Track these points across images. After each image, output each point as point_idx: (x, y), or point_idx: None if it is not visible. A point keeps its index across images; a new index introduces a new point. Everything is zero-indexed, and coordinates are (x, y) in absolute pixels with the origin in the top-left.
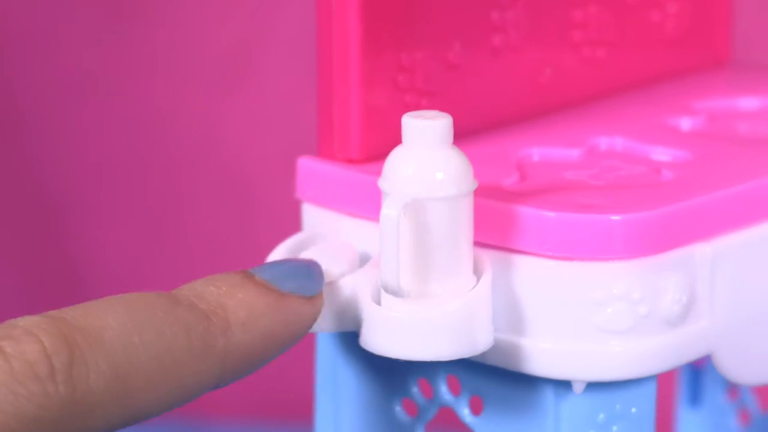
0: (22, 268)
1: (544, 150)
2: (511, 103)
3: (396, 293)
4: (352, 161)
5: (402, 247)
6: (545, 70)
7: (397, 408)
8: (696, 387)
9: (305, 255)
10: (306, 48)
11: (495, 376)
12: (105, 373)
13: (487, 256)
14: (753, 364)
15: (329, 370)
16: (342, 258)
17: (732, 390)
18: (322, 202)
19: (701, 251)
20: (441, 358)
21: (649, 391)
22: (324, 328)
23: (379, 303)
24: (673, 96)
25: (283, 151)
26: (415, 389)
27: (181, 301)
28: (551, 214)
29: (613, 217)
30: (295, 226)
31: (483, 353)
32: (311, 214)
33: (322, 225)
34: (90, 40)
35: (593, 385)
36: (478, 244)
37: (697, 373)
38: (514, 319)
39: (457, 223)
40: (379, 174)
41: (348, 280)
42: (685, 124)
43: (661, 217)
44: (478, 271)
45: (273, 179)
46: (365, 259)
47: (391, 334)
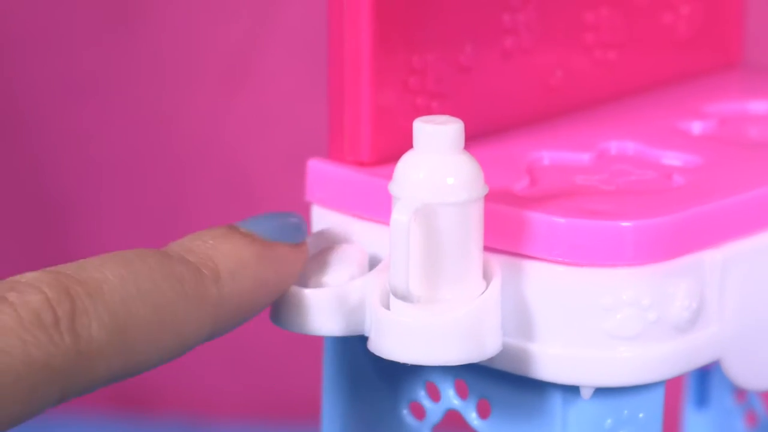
0: (22, 269)
1: (555, 154)
2: (521, 106)
3: (405, 298)
4: (362, 164)
5: (412, 252)
6: (556, 73)
7: (405, 411)
8: (703, 389)
9: (314, 258)
10: (309, 48)
11: (503, 380)
12: (106, 324)
13: (496, 261)
14: (761, 369)
15: (337, 373)
16: (351, 261)
17: (739, 392)
18: (331, 205)
19: (711, 257)
20: (449, 363)
21: (657, 397)
22: (332, 331)
23: (388, 307)
24: (685, 99)
25: (287, 152)
26: (422, 393)
27: (172, 256)
28: (561, 220)
29: (624, 224)
30: None
31: (491, 358)
32: (321, 217)
33: (331, 227)
34: (91, 39)
35: (601, 391)
36: (487, 249)
37: (705, 375)
38: (523, 324)
39: (467, 228)
40: (389, 177)
41: (357, 284)
42: (696, 127)
43: (671, 224)
44: (487, 277)
45: (276, 179)
46: (375, 262)
47: (400, 339)
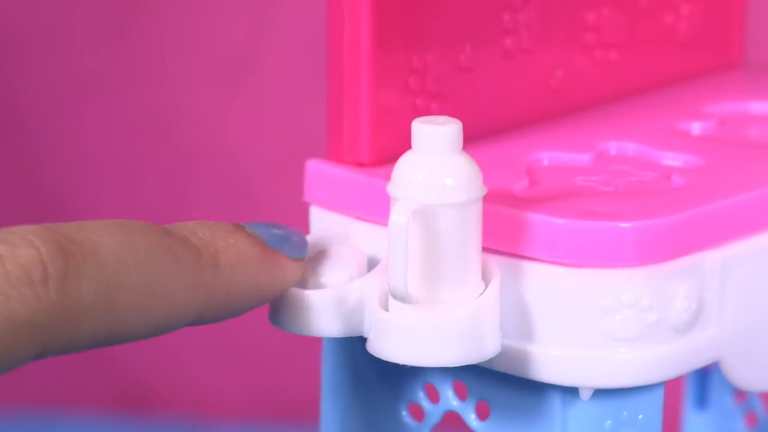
0: None
1: (554, 154)
2: (521, 106)
3: (404, 299)
4: (361, 164)
5: (411, 253)
6: (556, 73)
7: (404, 412)
8: (703, 389)
9: (313, 259)
10: (309, 48)
11: (502, 381)
12: (96, 287)
13: (495, 262)
14: (761, 371)
15: (336, 374)
16: (350, 262)
17: (739, 393)
18: (330, 205)
19: (711, 258)
20: (448, 365)
21: (656, 398)
22: (331, 332)
23: (386, 308)
24: (685, 100)
25: (287, 152)
26: (421, 394)
27: (174, 234)
28: (561, 221)
29: (623, 225)
30: (301, 227)
31: (491, 359)
32: (319, 217)
33: (330, 228)
34: (91, 40)
35: (600, 392)
36: (486, 250)
37: (705, 375)
38: (522, 325)
39: (466, 229)
40: (388, 177)
41: (356, 285)
42: (696, 128)
43: (671, 225)
44: (486, 278)
45: (276, 180)
46: (373, 263)
47: (399, 341)
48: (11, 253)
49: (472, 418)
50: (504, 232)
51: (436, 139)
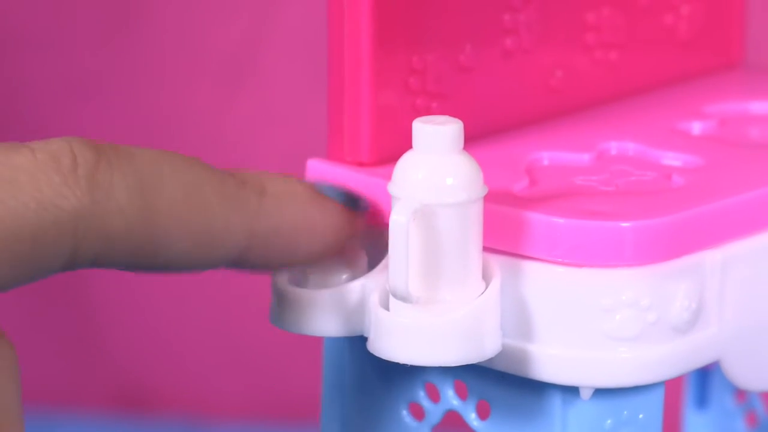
0: None
1: (555, 154)
2: (521, 106)
3: (404, 299)
4: (361, 164)
5: (411, 252)
6: (557, 73)
7: (404, 412)
8: (703, 389)
9: None
10: (309, 48)
11: (503, 381)
12: (130, 185)
13: (496, 261)
14: (761, 370)
15: (336, 373)
16: (351, 262)
17: (739, 393)
18: None
19: (711, 258)
20: (449, 364)
21: (657, 398)
22: (332, 331)
23: (387, 308)
24: (685, 99)
25: (288, 152)
26: (422, 393)
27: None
28: (561, 221)
29: (623, 224)
30: None
31: (491, 358)
32: None
33: None
34: (92, 40)
35: (601, 392)
36: (487, 249)
37: (705, 375)
38: (523, 325)
39: (466, 228)
40: (388, 177)
41: (356, 285)
42: (696, 128)
43: (671, 224)
44: (487, 277)
45: None
46: (374, 262)
47: (399, 340)
48: (42, 147)
49: (472, 418)
50: (504, 231)
51: (436, 138)
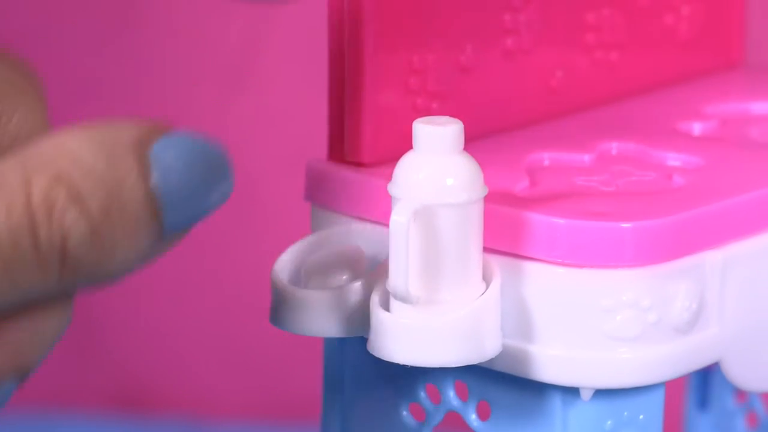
0: None
1: (555, 154)
2: (522, 106)
3: (405, 299)
4: (361, 164)
5: (411, 253)
6: (557, 73)
7: (404, 413)
8: (704, 390)
9: (314, 259)
10: (309, 48)
11: (503, 382)
12: None
13: (496, 262)
14: (762, 371)
15: (337, 374)
16: (351, 262)
17: (740, 393)
18: (331, 206)
19: (712, 259)
20: (449, 365)
21: (657, 398)
22: (332, 332)
23: (387, 309)
24: (685, 100)
25: (288, 152)
26: (422, 394)
27: None
28: (561, 221)
29: (624, 225)
30: (301, 227)
31: (491, 359)
32: (320, 217)
33: (330, 228)
34: (92, 40)
35: (601, 392)
36: (487, 250)
37: (706, 376)
38: (523, 325)
39: (466, 229)
40: (388, 177)
41: (356, 285)
42: (697, 128)
43: (671, 225)
44: (487, 278)
45: (277, 180)
46: (374, 263)
47: (400, 341)
48: None
49: (473, 419)
50: (504, 232)
51: (437, 139)
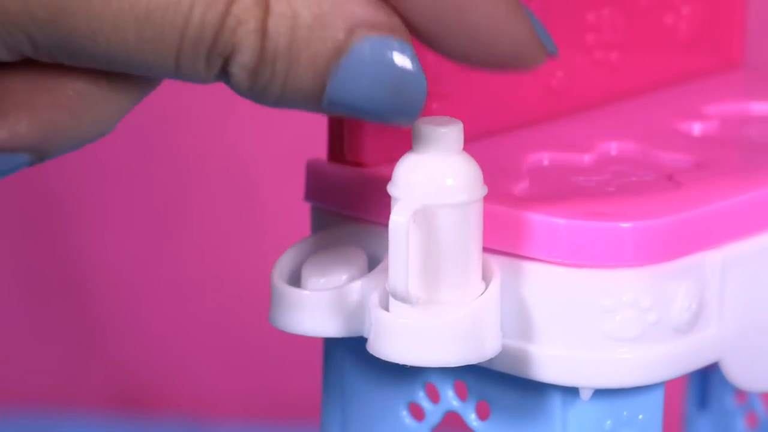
0: (25, 268)
1: (555, 155)
2: (522, 106)
3: (404, 300)
4: (361, 164)
5: (411, 253)
6: (557, 73)
7: (404, 412)
8: (704, 389)
9: (314, 259)
10: None
11: (503, 381)
12: None
13: (496, 262)
14: (761, 371)
15: (336, 373)
16: (351, 262)
17: (740, 393)
18: (331, 206)
19: (711, 259)
20: (448, 365)
21: (657, 398)
22: (332, 332)
23: (387, 309)
24: (685, 100)
25: (288, 152)
26: (421, 394)
27: None
28: (561, 221)
29: (623, 225)
30: (301, 228)
31: (491, 359)
32: (320, 218)
33: (330, 228)
34: None
35: (601, 392)
36: (487, 250)
37: (705, 376)
38: (523, 325)
39: (466, 229)
40: (388, 177)
41: (356, 285)
42: (696, 128)
43: (671, 225)
44: (486, 278)
45: (277, 180)
46: (374, 263)
47: (399, 341)
48: None
49: (472, 418)
50: (504, 232)
51: (436, 139)
